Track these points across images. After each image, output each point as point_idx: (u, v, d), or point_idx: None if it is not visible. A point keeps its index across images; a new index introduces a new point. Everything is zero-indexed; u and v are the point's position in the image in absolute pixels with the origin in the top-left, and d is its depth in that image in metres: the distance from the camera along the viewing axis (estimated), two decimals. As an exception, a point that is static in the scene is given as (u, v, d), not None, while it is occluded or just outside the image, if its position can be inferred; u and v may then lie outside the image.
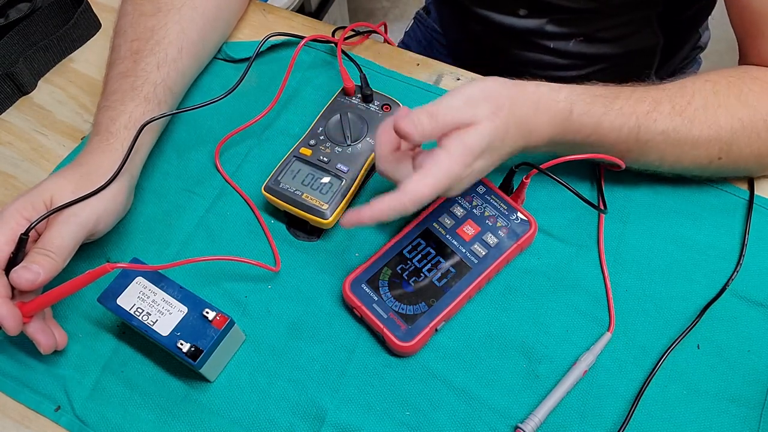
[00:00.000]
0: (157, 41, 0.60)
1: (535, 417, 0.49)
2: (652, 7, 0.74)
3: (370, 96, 0.62)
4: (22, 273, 0.48)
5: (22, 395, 0.53)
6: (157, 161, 0.64)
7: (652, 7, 0.74)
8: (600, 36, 0.76)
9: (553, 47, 0.78)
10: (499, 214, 0.56)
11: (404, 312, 0.52)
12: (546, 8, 0.73)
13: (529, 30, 0.76)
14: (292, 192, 0.57)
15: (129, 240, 0.60)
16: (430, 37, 0.95)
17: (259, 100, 0.67)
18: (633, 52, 0.79)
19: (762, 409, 0.50)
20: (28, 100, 0.70)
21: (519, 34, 0.77)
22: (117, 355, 0.54)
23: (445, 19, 0.92)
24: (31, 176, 0.65)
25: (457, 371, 0.53)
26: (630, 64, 0.80)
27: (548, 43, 0.78)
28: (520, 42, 0.79)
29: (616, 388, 0.51)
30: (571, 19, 0.74)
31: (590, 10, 0.72)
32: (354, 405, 0.52)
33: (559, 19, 0.75)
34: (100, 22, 0.75)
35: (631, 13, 0.74)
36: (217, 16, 0.67)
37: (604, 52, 0.78)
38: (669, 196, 0.59)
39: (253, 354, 0.54)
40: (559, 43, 0.77)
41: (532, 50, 0.79)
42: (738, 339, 0.53)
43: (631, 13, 0.74)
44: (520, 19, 0.76)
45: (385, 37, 0.71)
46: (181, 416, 0.52)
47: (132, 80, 0.58)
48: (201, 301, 0.50)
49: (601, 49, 0.78)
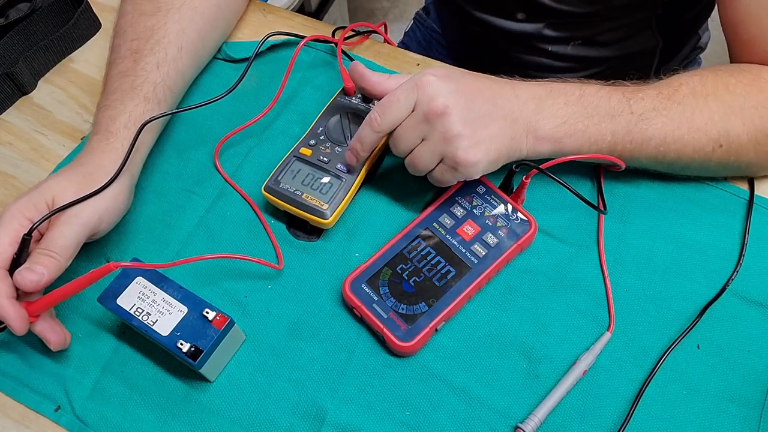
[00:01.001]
0: (157, 41, 0.60)
1: (535, 417, 0.49)
2: (652, 10, 0.74)
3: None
4: (26, 274, 0.48)
5: (22, 395, 0.53)
6: (157, 161, 0.64)
7: (652, 9, 0.73)
8: (598, 39, 0.76)
9: (552, 50, 0.78)
10: (499, 214, 0.56)
11: (404, 312, 0.52)
12: (544, 12, 0.73)
13: (528, 33, 0.76)
14: (292, 192, 0.57)
15: (129, 240, 0.60)
16: (430, 38, 0.95)
17: (259, 100, 0.67)
18: (632, 55, 0.79)
19: (762, 409, 0.50)
20: (28, 100, 0.70)
21: (517, 37, 0.77)
22: (117, 355, 0.54)
23: (445, 21, 0.92)
24: (31, 176, 0.65)
25: (457, 371, 0.53)
26: (629, 66, 0.80)
27: (546, 47, 0.78)
28: (518, 45, 0.79)
29: (616, 388, 0.51)
30: (569, 23, 0.74)
31: (588, 14, 0.72)
32: (354, 405, 0.52)
33: (556, 23, 0.75)
34: (100, 22, 0.75)
35: (630, 16, 0.74)
36: (217, 15, 0.67)
37: (602, 54, 0.78)
38: (669, 196, 0.59)
39: (253, 354, 0.54)
40: (557, 46, 0.77)
41: (531, 53, 0.79)
42: (738, 339, 0.53)
43: (630, 16, 0.74)
44: (518, 23, 0.76)
45: (385, 37, 0.71)
46: (181, 416, 0.52)
47: (132, 80, 0.58)
48: (201, 301, 0.50)
49: (600, 52, 0.78)
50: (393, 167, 0.63)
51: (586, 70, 0.80)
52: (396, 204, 0.61)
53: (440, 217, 0.57)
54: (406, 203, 0.61)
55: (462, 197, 0.57)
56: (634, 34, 0.76)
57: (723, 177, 0.60)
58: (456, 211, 0.57)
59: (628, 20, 0.74)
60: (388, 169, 0.63)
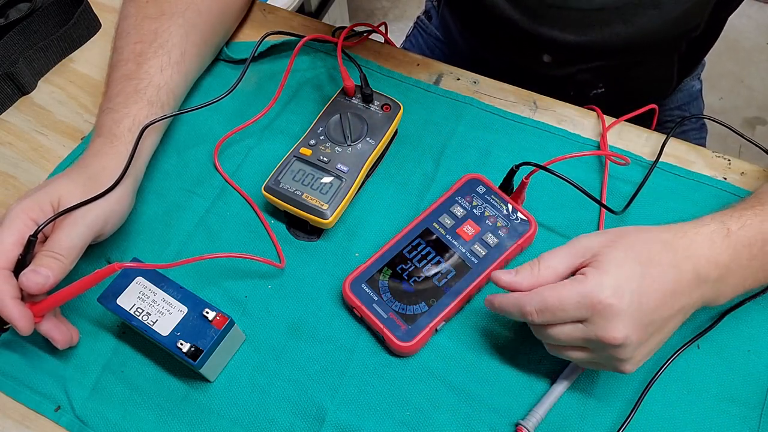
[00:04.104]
0: (161, 44, 0.60)
1: (536, 413, 0.49)
2: (678, 43, 0.71)
3: (370, 96, 0.62)
4: (32, 276, 0.48)
5: (22, 395, 0.53)
6: (157, 161, 0.64)
7: (678, 43, 0.71)
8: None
9: (573, 95, 0.75)
10: (499, 214, 0.56)
11: (404, 312, 0.52)
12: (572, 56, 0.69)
13: (556, 78, 0.73)
14: (292, 192, 0.57)
15: (129, 240, 0.60)
16: (433, 45, 0.93)
17: (259, 100, 0.67)
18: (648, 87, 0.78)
19: (762, 409, 0.50)
20: (28, 100, 0.70)
21: (543, 78, 0.74)
22: (117, 355, 0.54)
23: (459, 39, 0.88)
24: (31, 176, 0.65)
25: (457, 371, 0.53)
26: (642, 93, 0.78)
27: (570, 92, 0.75)
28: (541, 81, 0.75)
29: (616, 388, 0.51)
30: (598, 67, 0.71)
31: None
32: (354, 405, 0.52)
33: (586, 69, 0.71)
34: (100, 22, 0.75)
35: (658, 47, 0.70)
36: (221, 19, 0.67)
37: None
38: (669, 197, 0.59)
39: (253, 354, 0.54)
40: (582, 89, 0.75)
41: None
42: (738, 339, 0.53)
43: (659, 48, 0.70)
44: (544, 67, 0.72)
45: (385, 37, 0.71)
46: (181, 416, 0.52)
47: (135, 83, 0.58)
48: (201, 301, 0.50)
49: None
50: (393, 167, 0.63)
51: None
52: (396, 204, 0.61)
53: (440, 217, 0.57)
54: (406, 203, 0.61)
55: (462, 197, 0.57)
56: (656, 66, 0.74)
57: (723, 177, 0.59)
58: (456, 211, 0.57)
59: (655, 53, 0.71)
60: (388, 169, 0.63)
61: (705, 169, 0.61)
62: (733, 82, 1.69)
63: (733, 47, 1.66)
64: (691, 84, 0.86)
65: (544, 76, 0.73)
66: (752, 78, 1.70)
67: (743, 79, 1.69)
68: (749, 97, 1.67)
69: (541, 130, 0.64)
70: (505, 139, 0.63)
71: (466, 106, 0.66)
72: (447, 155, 0.63)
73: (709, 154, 0.62)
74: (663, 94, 0.81)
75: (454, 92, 0.67)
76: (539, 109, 0.65)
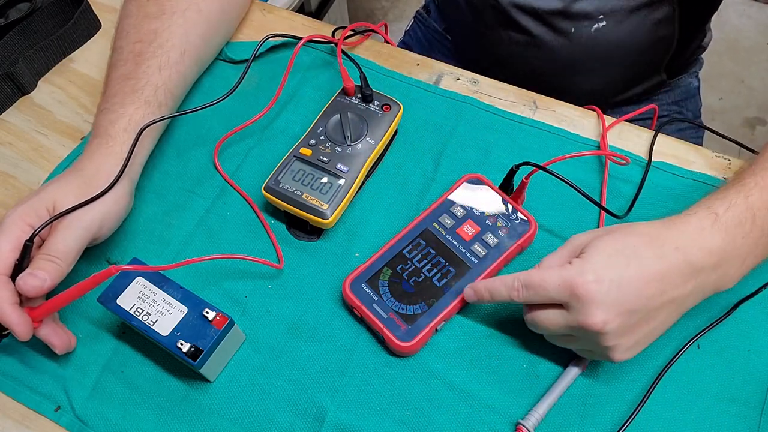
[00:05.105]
0: (160, 44, 0.60)
1: (535, 413, 0.49)
2: None
3: (370, 96, 0.62)
4: (29, 280, 0.48)
5: (22, 395, 0.53)
6: (157, 161, 0.64)
7: None
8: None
9: (574, 34, 0.74)
10: (499, 214, 0.56)
11: (404, 312, 0.52)
12: None
13: (555, 11, 0.73)
14: (292, 192, 0.57)
15: (129, 240, 0.60)
16: (432, 38, 0.94)
17: (258, 100, 0.67)
18: (648, 48, 0.77)
19: (762, 409, 0.50)
20: (28, 100, 0.70)
21: (542, 17, 0.74)
22: (117, 355, 0.54)
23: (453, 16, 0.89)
24: (31, 176, 0.65)
25: (457, 371, 0.53)
26: (642, 61, 0.78)
27: (570, 27, 0.74)
28: (540, 27, 0.75)
29: (616, 388, 0.51)
30: None
31: None
32: (354, 405, 0.52)
33: None
34: (100, 22, 0.75)
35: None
36: (221, 19, 0.67)
37: (621, 40, 0.75)
38: (669, 197, 0.59)
39: (253, 354, 0.54)
40: (581, 23, 0.73)
41: (549, 45, 0.75)
42: (738, 339, 0.53)
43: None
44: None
45: (385, 37, 0.71)
46: (181, 416, 0.52)
47: (133, 83, 0.58)
48: (201, 301, 0.50)
49: (619, 37, 0.75)
50: (393, 167, 0.63)
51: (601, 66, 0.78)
52: (396, 204, 0.61)
53: (440, 217, 0.57)
54: (406, 203, 0.61)
55: (462, 197, 0.57)
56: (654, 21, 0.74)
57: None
58: (456, 211, 0.57)
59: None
60: (388, 169, 0.63)
61: (705, 168, 0.61)
62: (733, 81, 1.69)
63: (733, 47, 1.66)
64: (688, 81, 0.86)
65: (540, 13, 0.73)
66: (752, 78, 1.70)
67: (743, 78, 1.69)
68: (749, 97, 1.67)
69: (541, 130, 0.64)
70: (505, 139, 0.63)
71: (466, 106, 0.66)
72: (447, 155, 0.63)
73: (709, 154, 0.62)
74: (663, 54, 0.79)
75: (454, 92, 0.67)
76: (539, 109, 0.65)
